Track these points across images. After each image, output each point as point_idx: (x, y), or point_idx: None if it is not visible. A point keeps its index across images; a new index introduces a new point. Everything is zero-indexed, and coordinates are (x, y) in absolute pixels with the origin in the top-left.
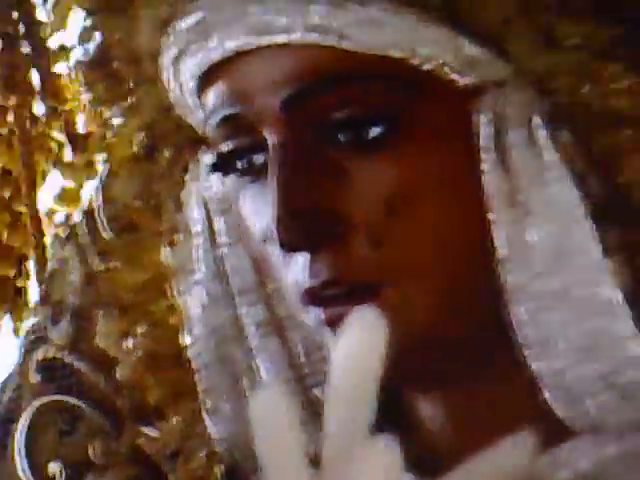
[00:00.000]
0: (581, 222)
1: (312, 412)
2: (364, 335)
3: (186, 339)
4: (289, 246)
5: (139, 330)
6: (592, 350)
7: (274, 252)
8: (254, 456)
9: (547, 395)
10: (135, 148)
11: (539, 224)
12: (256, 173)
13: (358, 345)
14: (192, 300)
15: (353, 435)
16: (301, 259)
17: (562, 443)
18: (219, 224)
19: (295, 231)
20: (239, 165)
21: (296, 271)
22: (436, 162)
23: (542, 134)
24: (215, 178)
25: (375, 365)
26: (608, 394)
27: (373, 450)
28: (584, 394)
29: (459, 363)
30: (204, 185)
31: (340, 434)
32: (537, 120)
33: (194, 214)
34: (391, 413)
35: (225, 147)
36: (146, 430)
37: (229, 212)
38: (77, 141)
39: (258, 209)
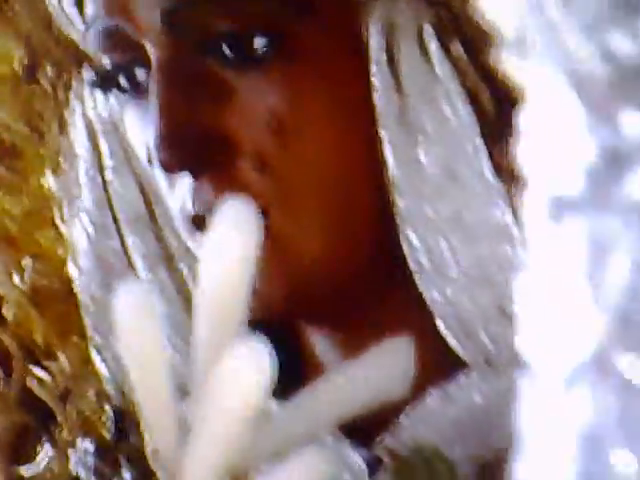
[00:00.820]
0: (472, 141)
1: None
2: (234, 230)
3: (72, 272)
4: (169, 168)
5: (24, 263)
6: (484, 277)
7: (160, 176)
8: None
9: (441, 326)
10: (14, 65)
11: (429, 143)
12: (139, 91)
13: (228, 241)
14: (77, 230)
15: (222, 337)
16: (186, 184)
17: (456, 378)
18: (104, 146)
19: (175, 152)
20: (121, 82)
21: (181, 196)
22: (326, 81)
23: (433, 45)
24: (100, 97)
25: (247, 262)
26: (501, 324)
27: (242, 351)
28: (477, 324)
29: (351, 300)
30: (88, 104)
31: (209, 336)
32: (428, 29)
33: (78, 136)
34: (283, 344)
35: (105, 62)
36: (36, 371)
37: (114, 133)
38: None
39: (142, 129)
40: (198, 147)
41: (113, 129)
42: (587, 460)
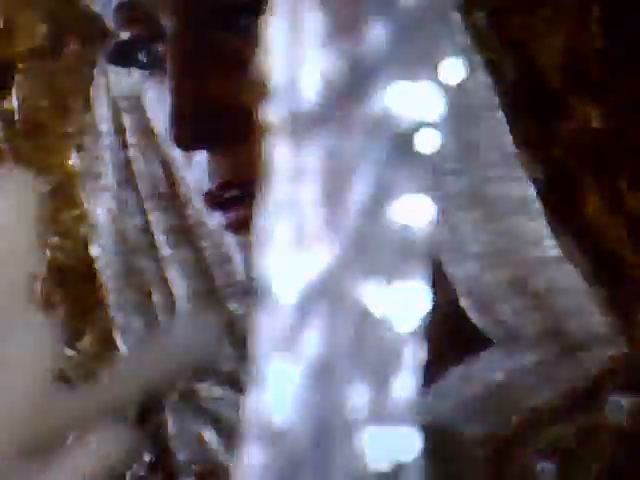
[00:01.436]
0: (493, 114)
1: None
2: (13, 203)
3: (94, 250)
4: (183, 144)
5: (49, 241)
6: (505, 253)
7: (178, 152)
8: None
9: (463, 302)
10: (38, 41)
11: (450, 116)
12: (158, 66)
13: (9, 213)
14: (99, 207)
15: (8, 306)
16: (202, 160)
17: (477, 355)
18: (127, 123)
19: (189, 128)
20: (140, 57)
21: (197, 172)
22: None
23: (455, 16)
24: (123, 72)
25: (28, 234)
26: (522, 300)
27: (28, 323)
28: (498, 300)
29: None
30: (112, 80)
31: None
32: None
33: (102, 112)
34: None
35: (124, 36)
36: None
37: (137, 110)
38: None
39: (162, 105)
40: (213, 122)
41: (136, 105)
42: (320, 391)
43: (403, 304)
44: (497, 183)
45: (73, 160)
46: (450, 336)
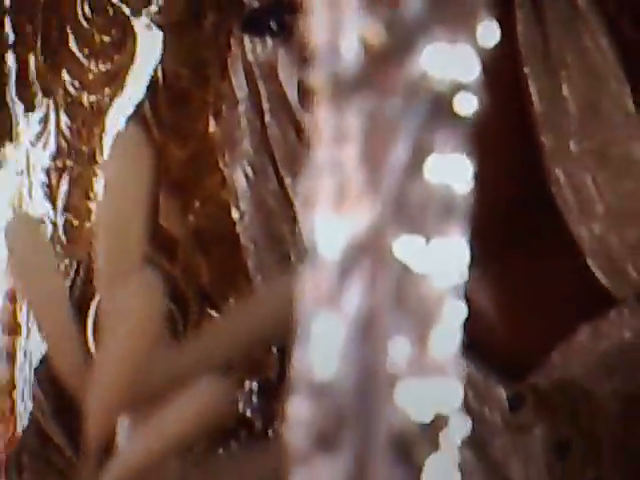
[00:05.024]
0: (615, 74)
1: None
2: (128, 161)
3: (235, 214)
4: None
5: (193, 206)
6: (630, 213)
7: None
8: None
9: (591, 263)
10: (179, 13)
11: (572, 78)
12: (289, 34)
13: (122, 172)
14: (238, 173)
15: (120, 265)
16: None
17: (606, 314)
18: (262, 90)
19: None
20: (272, 25)
21: None
22: None
23: None
24: (257, 41)
25: (141, 192)
26: None
27: (137, 281)
28: (626, 260)
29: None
30: (248, 49)
31: (110, 264)
32: None
33: (239, 80)
34: None
35: (255, 4)
36: (212, 312)
37: (271, 77)
38: None
39: (293, 72)
40: None
41: (270, 72)
42: (363, 346)
43: (442, 261)
44: (621, 144)
45: (213, 127)
46: (579, 295)
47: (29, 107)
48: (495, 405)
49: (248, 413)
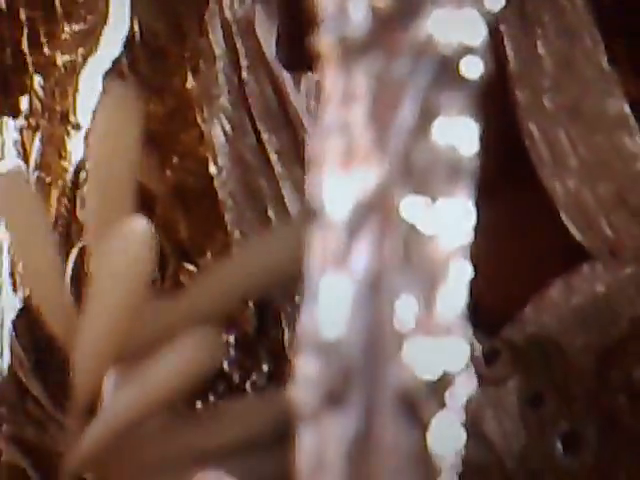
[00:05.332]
0: (589, 32)
1: None
2: (118, 112)
3: (213, 169)
4: (288, 66)
5: (171, 161)
6: (603, 167)
7: (287, 74)
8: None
9: (564, 218)
10: None
11: (548, 35)
12: None
13: (112, 122)
14: (216, 129)
15: (110, 213)
16: (309, 81)
17: (579, 268)
18: (240, 46)
19: (296, 49)
20: None
21: (305, 94)
22: None
23: None
24: None
25: (131, 142)
26: (621, 212)
27: (128, 230)
28: (599, 214)
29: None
30: (226, 5)
31: (97, 219)
32: None
33: (216, 36)
34: None
35: None
36: (188, 266)
37: (249, 33)
38: None
39: (271, 28)
40: None
41: (248, 28)
42: (370, 304)
43: (448, 221)
44: (595, 100)
45: (190, 83)
46: (553, 250)
47: None
48: (470, 359)
49: (226, 367)
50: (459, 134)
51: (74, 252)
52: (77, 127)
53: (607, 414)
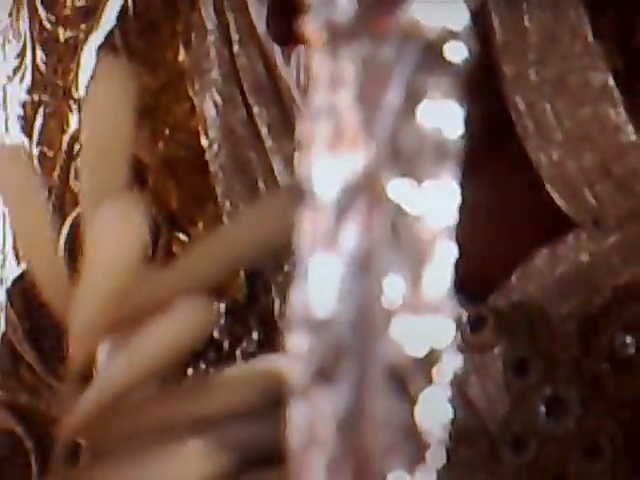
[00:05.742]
0: (574, 5)
1: None
2: (112, 89)
3: (204, 142)
4: (278, 40)
5: (162, 133)
6: (588, 139)
7: (277, 48)
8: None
9: (549, 188)
10: None
11: (534, 9)
12: None
13: (105, 95)
14: (207, 102)
15: (102, 193)
16: (299, 56)
17: (564, 238)
18: (231, 20)
19: (285, 22)
20: None
21: (295, 68)
22: None
23: None
24: None
25: (124, 114)
26: (605, 183)
27: (121, 201)
28: (583, 185)
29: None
30: None
31: (91, 190)
32: None
33: (208, 11)
34: None
35: None
36: (180, 235)
37: (240, 8)
38: None
39: (262, 2)
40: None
41: (239, 3)
42: (359, 283)
43: (434, 202)
44: (579, 72)
45: (182, 56)
46: (539, 219)
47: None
48: (456, 326)
49: (216, 334)
50: (444, 117)
51: (68, 221)
52: (79, 102)
53: (590, 380)
